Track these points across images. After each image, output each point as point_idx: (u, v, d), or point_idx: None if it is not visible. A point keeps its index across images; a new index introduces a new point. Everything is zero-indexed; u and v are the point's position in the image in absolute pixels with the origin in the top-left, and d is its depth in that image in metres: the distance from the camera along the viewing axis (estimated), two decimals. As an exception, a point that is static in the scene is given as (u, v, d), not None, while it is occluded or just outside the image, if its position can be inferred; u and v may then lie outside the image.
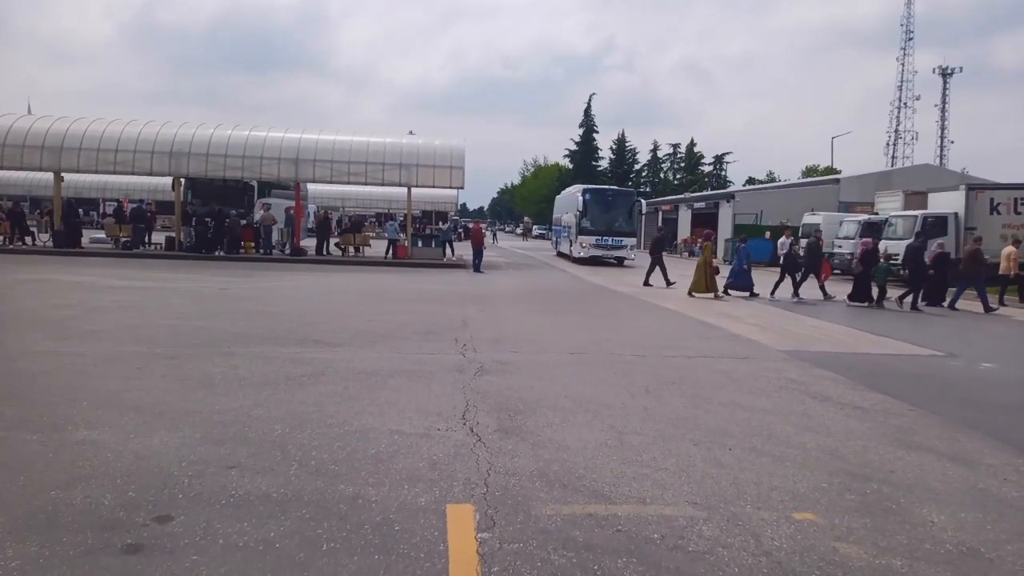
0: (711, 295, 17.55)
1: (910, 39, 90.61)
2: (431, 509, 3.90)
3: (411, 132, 34.51)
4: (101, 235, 28.60)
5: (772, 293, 17.97)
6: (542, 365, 8.16)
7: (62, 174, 26.15)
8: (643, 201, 32.43)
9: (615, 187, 37.84)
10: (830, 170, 65.12)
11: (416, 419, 5.66)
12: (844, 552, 3.58)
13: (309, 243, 28.44)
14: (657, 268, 20.07)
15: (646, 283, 20.00)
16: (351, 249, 27.95)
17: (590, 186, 34.85)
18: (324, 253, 27.33)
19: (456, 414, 5.84)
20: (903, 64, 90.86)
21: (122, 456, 4.54)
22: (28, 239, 27.06)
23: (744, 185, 71.46)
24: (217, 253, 25.53)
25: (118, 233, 26.71)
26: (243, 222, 27.19)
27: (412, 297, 15.06)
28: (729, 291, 18.17)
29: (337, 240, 29.07)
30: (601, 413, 6.08)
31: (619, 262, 30.54)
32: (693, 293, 17.63)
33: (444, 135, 28.14)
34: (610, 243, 30.19)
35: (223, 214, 26.36)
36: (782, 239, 21.71)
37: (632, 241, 31.26)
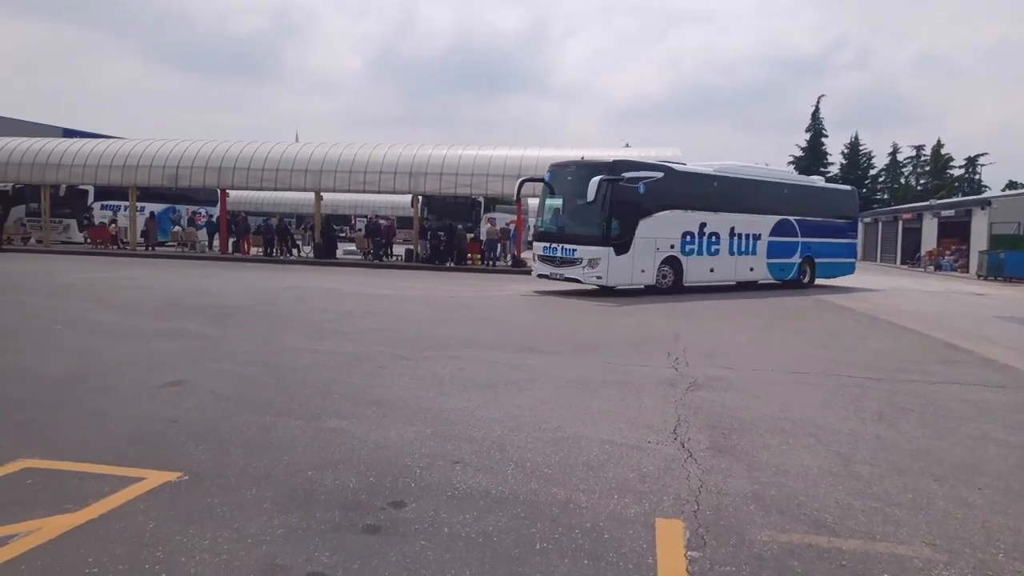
0: None
1: None
2: (640, 521, 3.95)
3: (627, 145, 34.51)
4: (352, 247, 32.31)
5: None
6: (758, 383, 7.80)
7: (321, 193, 29.85)
8: (632, 173, 17.12)
9: (583, 159, 18.79)
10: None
11: (626, 430, 5.72)
12: (1126, 621, 3.06)
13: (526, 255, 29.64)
14: None
15: None
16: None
17: (556, 161, 19.37)
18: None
19: (667, 428, 5.81)
20: None
21: (365, 445, 5.12)
22: (295, 251, 31.34)
23: (1004, 190, 61.76)
24: (448, 264, 27.71)
25: (366, 246, 29.95)
26: (470, 236, 29.16)
27: (623, 308, 15.11)
28: None
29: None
30: (825, 438, 5.70)
31: (605, 287, 17.45)
32: None
33: (658, 145, 27.93)
34: (560, 254, 17.72)
35: (453, 228, 28.62)
36: None
37: (598, 251, 17.02)
